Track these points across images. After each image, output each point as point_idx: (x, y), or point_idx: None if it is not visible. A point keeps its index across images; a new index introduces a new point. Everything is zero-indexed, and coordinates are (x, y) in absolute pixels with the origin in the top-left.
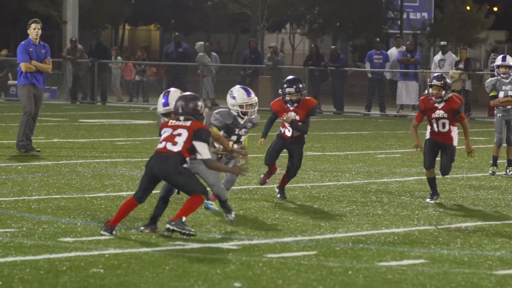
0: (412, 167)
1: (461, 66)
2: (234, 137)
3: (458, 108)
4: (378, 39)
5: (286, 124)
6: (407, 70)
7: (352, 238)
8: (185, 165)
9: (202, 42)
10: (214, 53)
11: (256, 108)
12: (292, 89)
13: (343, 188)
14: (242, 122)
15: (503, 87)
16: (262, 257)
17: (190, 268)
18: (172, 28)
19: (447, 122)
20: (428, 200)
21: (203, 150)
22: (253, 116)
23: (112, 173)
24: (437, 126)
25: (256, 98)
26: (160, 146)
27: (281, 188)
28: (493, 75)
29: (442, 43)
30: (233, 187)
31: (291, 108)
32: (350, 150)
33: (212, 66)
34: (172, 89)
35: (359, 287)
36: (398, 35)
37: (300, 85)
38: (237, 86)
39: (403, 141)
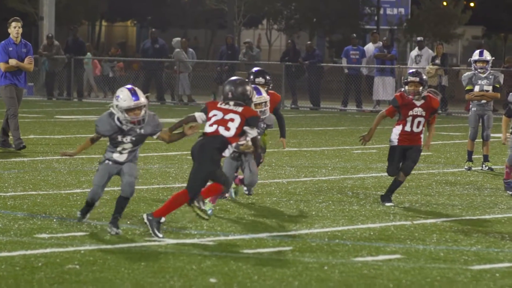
0: None
1: (437, 61)
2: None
3: (438, 107)
4: (354, 34)
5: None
6: (384, 66)
7: (328, 233)
8: (225, 153)
9: (178, 38)
10: (190, 49)
11: (267, 107)
12: (262, 80)
13: (319, 183)
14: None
15: (479, 82)
16: (238, 252)
17: (166, 264)
18: (149, 24)
19: (422, 121)
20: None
21: (250, 132)
22: (265, 116)
23: (88, 169)
24: (411, 125)
25: (267, 97)
26: (211, 129)
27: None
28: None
29: (418, 38)
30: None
31: None
32: (327, 145)
33: (189, 62)
34: (129, 85)
35: (335, 282)
36: (374, 31)
37: (268, 77)
38: None
39: (379, 136)
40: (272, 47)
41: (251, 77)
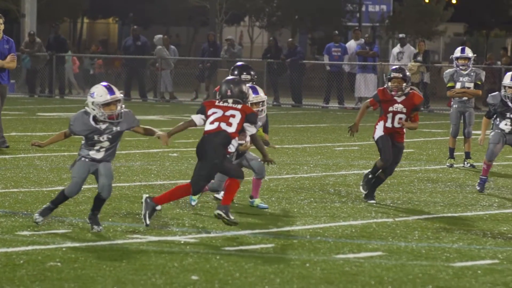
0: (370, 160)
1: (419, 58)
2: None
3: (419, 104)
4: (336, 31)
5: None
6: (366, 63)
7: (310, 230)
8: (229, 148)
9: (160, 36)
10: (172, 46)
11: (264, 107)
12: (248, 76)
13: (301, 181)
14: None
15: (461, 79)
16: (220, 250)
17: (148, 261)
18: (130, 21)
19: (403, 117)
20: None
21: (249, 129)
22: (262, 116)
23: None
24: (392, 121)
25: (264, 97)
26: (213, 126)
27: None
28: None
29: (400, 35)
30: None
31: None
32: (308, 142)
33: (171, 59)
34: (103, 83)
35: (316, 279)
36: (356, 28)
37: (252, 72)
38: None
39: (361, 133)
40: (254, 44)
41: (235, 72)
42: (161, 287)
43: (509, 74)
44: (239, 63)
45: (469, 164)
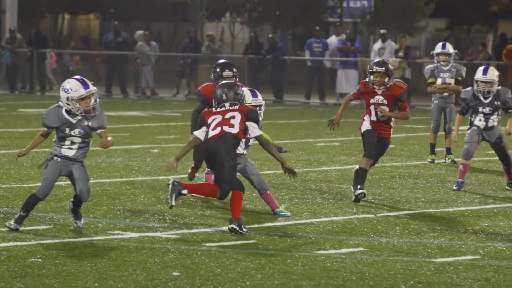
0: (352, 156)
1: (400, 54)
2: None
3: (399, 95)
4: (317, 27)
5: None
6: (347, 59)
7: (291, 226)
8: (238, 150)
9: (141, 31)
10: (153, 42)
11: (262, 111)
12: (230, 73)
13: (282, 176)
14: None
15: (441, 74)
16: (201, 246)
17: (129, 257)
18: (111, 17)
19: (386, 109)
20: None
21: (254, 129)
22: (260, 119)
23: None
24: (376, 114)
25: (262, 101)
26: (216, 131)
27: None
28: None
29: (381, 31)
30: (172, 176)
31: None
32: (290, 138)
33: (152, 55)
34: (77, 76)
35: (297, 275)
36: (338, 24)
37: (235, 69)
38: (243, 88)
39: (343, 129)
40: (235, 40)
41: (217, 69)
42: (142, 283)
43: (481, 68)
44: (221, 61)
45: (450, 160)
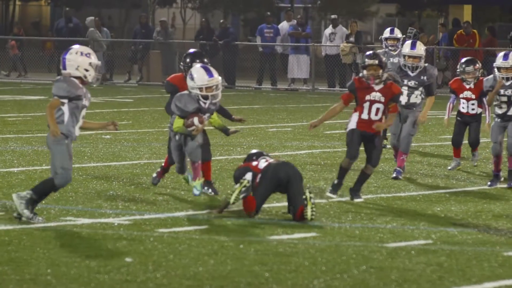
0: (304, 141)
1: (351, 39)
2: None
3: (398, 94)
4: (269, 13)
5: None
6: (298, 44)
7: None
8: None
9: (92, 17)
10: (105, 29)
11: (219, 90)
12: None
13: (235, 162)
14: (205, 106)
15: (391, 59)
16: (153, 232)
17: (81, 243)
18: (63, 3)
19: (381, 108)
20: (330, 194)
21: None
22: (217, 100)
23: (2, 149)
24: (369, 112)
25: (219, 78)
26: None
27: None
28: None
29: (332, 16)
30: (124, 162)
31: None
32: (242, 124)
33: (103, 41)
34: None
35: (250, 260)
36: (289, 9)
37: (206, 59)
38: (198, 65)
39: (294, 115)
40: (186, 26)
41: (187, 59)
42: (95, 269)
43: (408, 42)
44: (191, 50)
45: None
